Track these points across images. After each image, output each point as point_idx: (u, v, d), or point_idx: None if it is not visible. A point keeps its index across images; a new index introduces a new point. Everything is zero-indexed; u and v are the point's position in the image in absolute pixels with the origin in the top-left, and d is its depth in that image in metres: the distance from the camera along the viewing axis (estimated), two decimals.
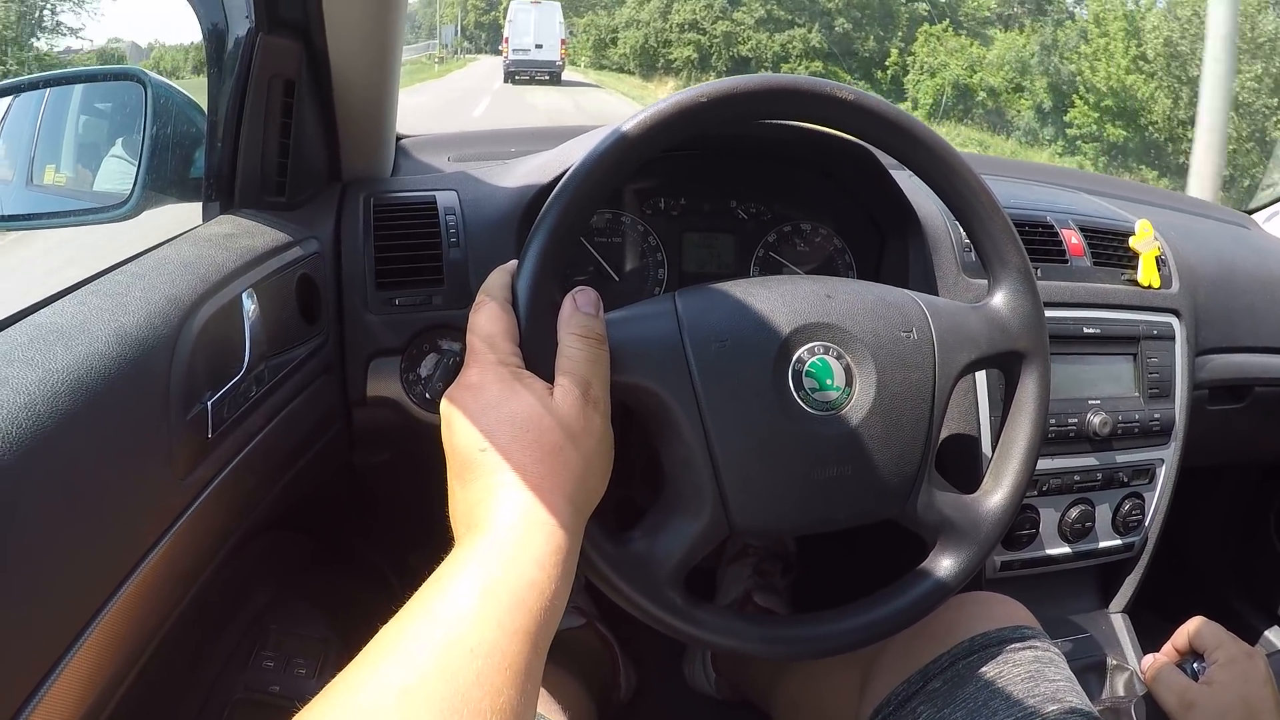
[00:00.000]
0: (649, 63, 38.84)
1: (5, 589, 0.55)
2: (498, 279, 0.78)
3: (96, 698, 0.68)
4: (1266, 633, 1.89)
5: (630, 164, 0.79)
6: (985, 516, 0.91)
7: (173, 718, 1.01)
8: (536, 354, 0.74)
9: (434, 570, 0.62)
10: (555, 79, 32.11)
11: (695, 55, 35.92)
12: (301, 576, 1.33)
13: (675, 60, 36.79)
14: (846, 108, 0.85)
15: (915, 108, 24.76)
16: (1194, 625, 1.12)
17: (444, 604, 0.58)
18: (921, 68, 26.53)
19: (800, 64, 31.55)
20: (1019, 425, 0.93)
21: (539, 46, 31.49)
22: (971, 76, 24.38)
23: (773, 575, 1.71)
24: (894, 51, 29.19)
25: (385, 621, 0.58)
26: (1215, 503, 2.03)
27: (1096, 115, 18.58)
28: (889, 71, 29.01)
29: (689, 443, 0.79)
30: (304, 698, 0.53)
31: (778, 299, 0.83)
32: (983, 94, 24.12)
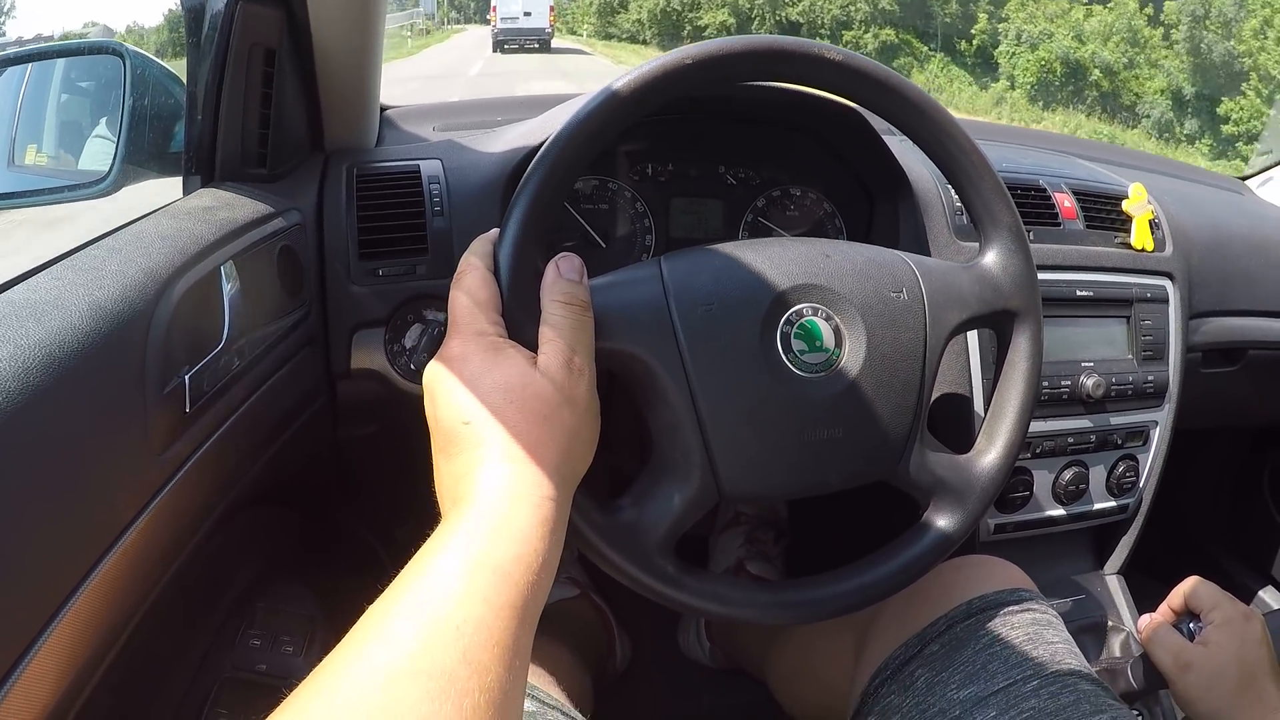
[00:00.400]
0: (671, 30, 34.16)
1: None
2: (479, 247, 0.77)
3: (75, 677, 0.67)
4: (1260, 593, 1.90)
5: (615, 127, 0.78)
6: (979, 476, 0.90)
7: (158, 697, 1.00)
8: (519, 322, 0.73)
9: (421, 544, 0.61)
10: (545, 46, 31.84)
11: (732, 20, 31.26)
12: (287, 553, 1.32)
13: (706, 27, 32.11)
14: (835, 68, 0.83)
15: (1013, 87, 20.79)
16: (1190, 585, 1.11)
17: (429, 581, 0.57)
18: (1017, 37, 21.53)
19: (866, 31, 27.13)
20: (1012, 384, 0.92)
21: (527, 14, 31.00)
22: (1081, 49, 19.59)
23: (765, 543, 1.71)
24: (981, 17, 23.97)
25: (372, 598, 0.57)
26: (1208, 465, 2.03)
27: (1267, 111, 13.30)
28: (975, 42, 24.65)
29: (676, 408, 0.78)
30: (291, 676, 0.53)
31: (765, 261, 0.82)
32: (1096, 72, 19.44)
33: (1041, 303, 0.93)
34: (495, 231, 0.77)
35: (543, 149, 0.76)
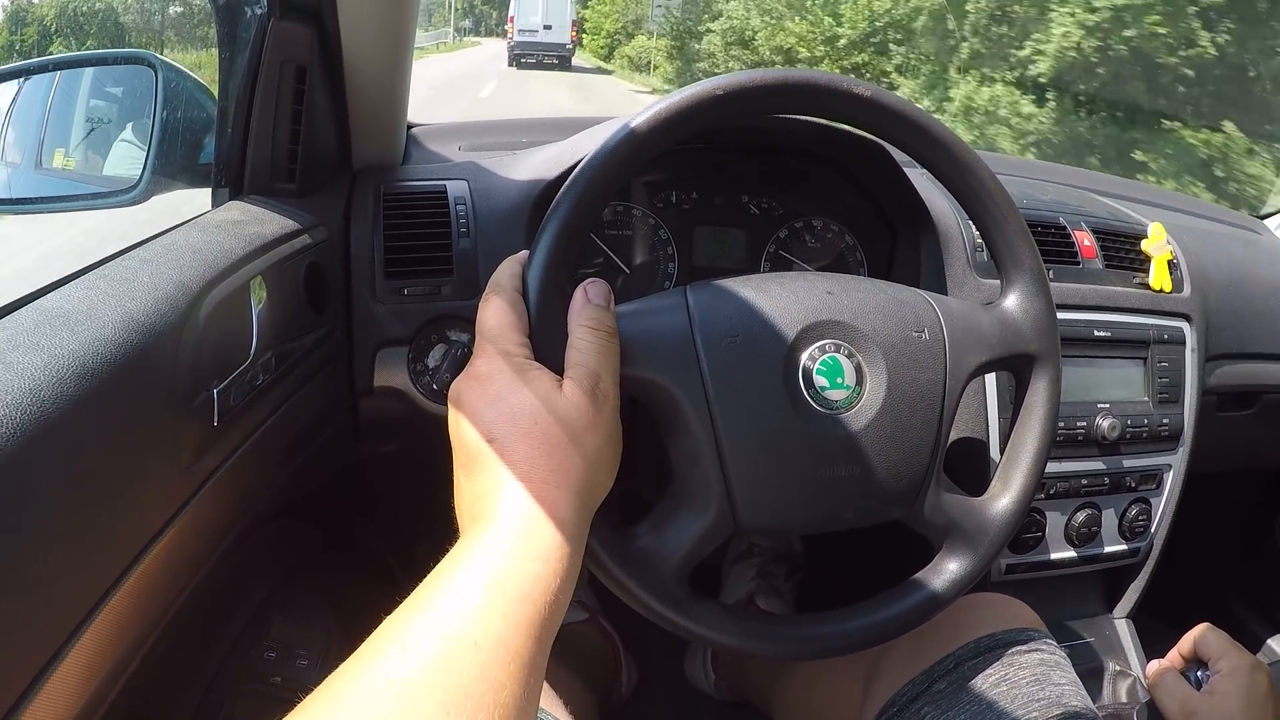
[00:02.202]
0: None
1: (7, 577, 0.55)
2: (508, 270, 0.78)
3: (99, 686, 0.67)
4: (1269, 641, 1.88)
5: (644, 156, 0.79)
6: (992, 520, 0.90)
7: (174, 707, 1.00)
8: (546, 346, 0.73)
9: (439, 562, 0.62)
10: (565, 63, 30.49)
11: None
12: (306, 567, 1.32)
13: None
14: (864, 104, 0.84)
15: None
16: (1199, 632, 1.11)
17: (448, 597, 0.58)
18: None
19: None
20: (1028, 429, 0.92)
21: (548, 28, 29.70)
22: None
23: (777, 578, 1.70)
24: None
25: (389, 613, 0.57)
26: (1221, 509, 2.02)
27: None
28: None
29: (697, 438, 0.79)
30: (305, 689, 0.53)
31: (790, 296, 0.83)
32: None
33: (1060, 346, 0.93)
34: (524, 254, 0.78)
35: (573, 175, 0.77)
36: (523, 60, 30.00)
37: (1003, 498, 0.91)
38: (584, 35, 36.93)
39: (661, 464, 0.85)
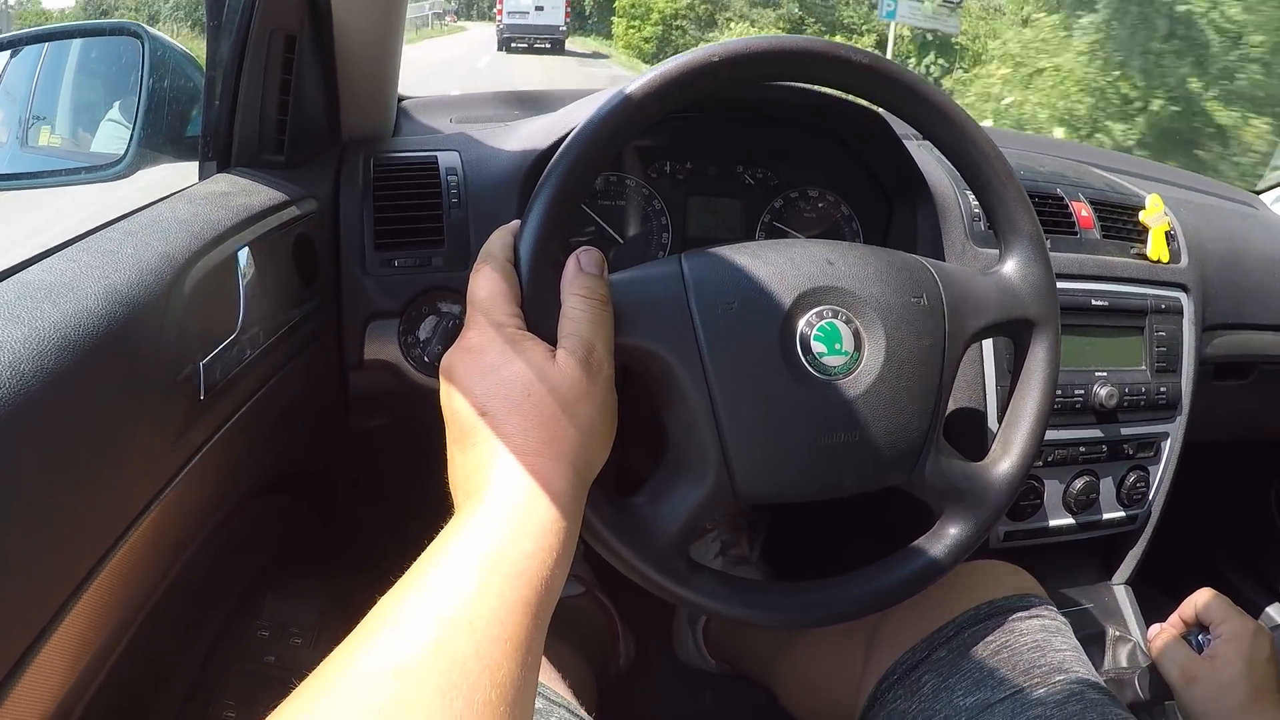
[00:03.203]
0: None
1: None
2: (499, 239, 0.77)
3: (86, 666, 0.67)
4: (1268, 609, 1.90)
5: (638, 124, 0.78)
6: (993, 484, 0.90)
7: (165, 687, 1.00)
8: (538, 315, 0.72)
9: (432, 538, 0.61)
10: (558, 47, 29.45)
11: None
12: (297, 544, 1.32)
13: None
14: (863, 71, 0.83)
15: None
16: (1202, 597, 1.11)
17: (442, 577, 0.57)
18: None
19: None
20: (1028, 393, 0.92)
21: (539, 9, 28.45)
22: None
23: (740, 547, 1.69)
24: None
25: (382, 591, 0.57)
26: (1216, 478, 2.03)
27: None
28: None
29: (693, 407, 0.78)
30: (300, 668, 0.52)
31: (787, 262, 0.82)
32: None
33: (1059, 311, 0.92)
34: (516, 223, 0.77)
35: (566, 142, 0.76)
36: (513, 44, 29.10)
37: (1003, 462, 0.91)
38: (615, 21, 33.02)
39: (658, 434, 0.85)
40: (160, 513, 0.71)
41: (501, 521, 0.61)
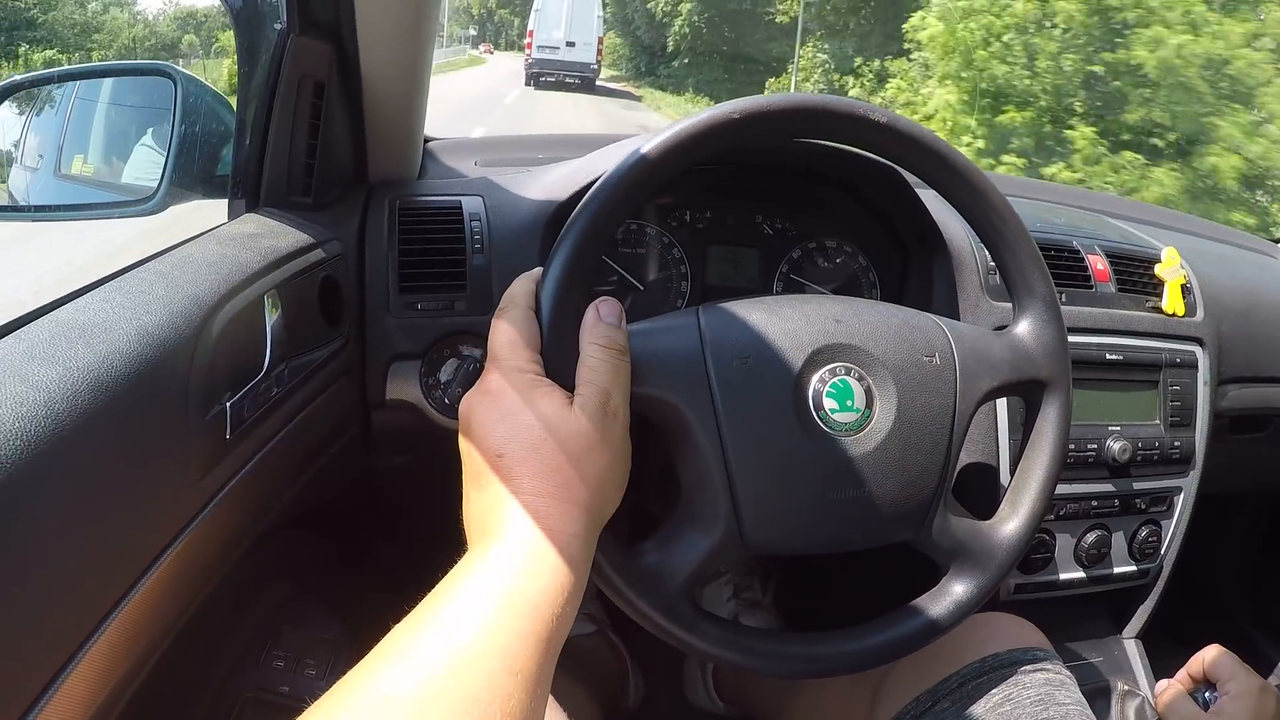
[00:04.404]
0: None
1: (18, 587, 0.55)
2: (522, 286, 0.78)
3: (108, 695, 0.68)
4: None
5: (659, 179, 0.79)
6: (1000, 544, 0.90)
7: (183, 715, 1.01)
8: (557, 362, 0.74)
9: (448, 573, 0.62)
10: (588, 85, 28.35)
11: None
12: (316, 578, 1.33)
13: None
14: (878, 129, 0.85)
15: None
16: (1210, 654, 1.11)
17: (454, 609, 0.58)
18: None
19: None
20: (1038, 454, 0.92)
21: (570, 44, 27.17)
22: None
23: (754, 591, 1.69)
24: None
25: (397, 624, 0.58)
26: (1232, 529, 2.02)
27: None
28: None
29: (706, 457, 0.79)
30: (313, 698, 0.53)
31: (801, 318, 0.83)
32: None
33: (1072, 370, 0.93)
34: (538, 271, 0.78)
35: (590, 193, 0.78)
36: (541, 79, 28.06)
37: (1010, 522, 0.91)
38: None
39: (670, 481, 0.86)
40: (185, 547, 0.73)
41: (514, 560, 0.62)
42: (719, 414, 0.79)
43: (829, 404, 0.80)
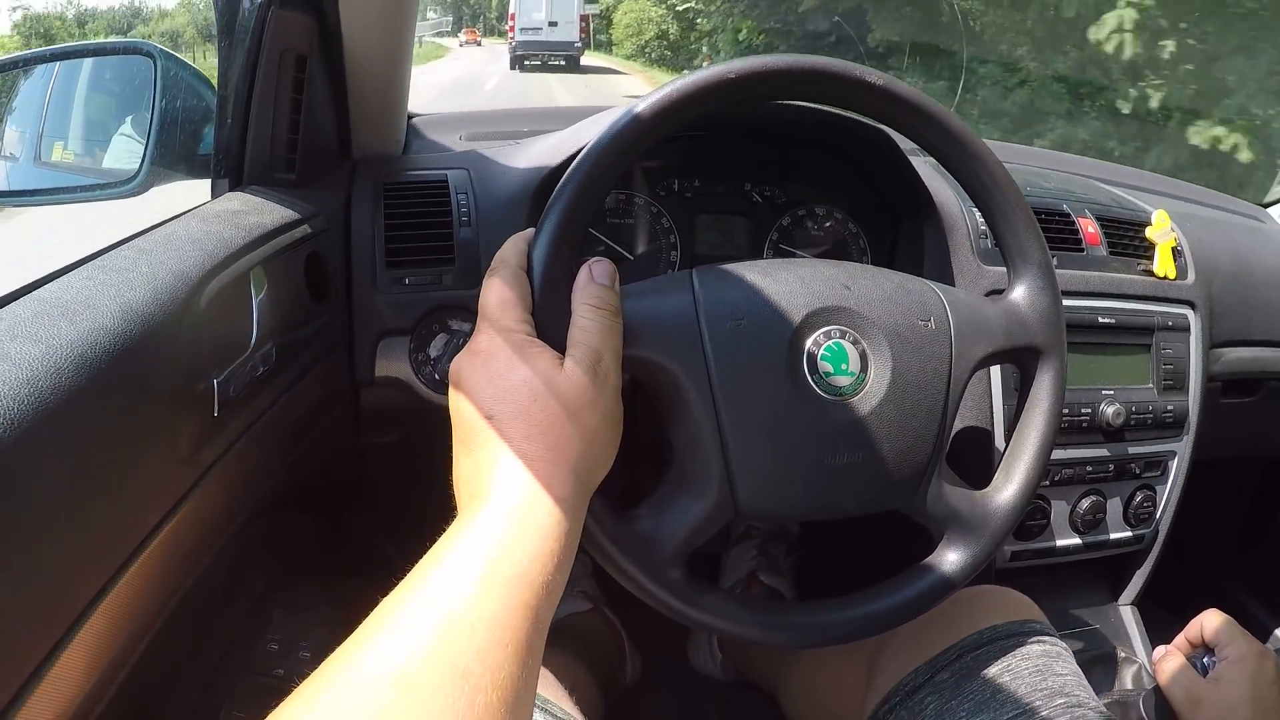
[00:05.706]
0: None
1: (7, 569, 0.55)
2: (513, 247, 0.77)
3: (100, 677, 0.67)
4: (1276, 630, 1.88)
5: (652, 138, 0.78)
6: (994, 512, 0.89)
7: (176, 698, 1.00)
8: (549, 323, 0.73)
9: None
10: (573, 64, 28.02)
11: None
12: (306, 558, 1.32)
13: None
14: (875, 92, 0.83)
15: None
16: (1208, 619, 1.11)
17: (444, 577, 0.57)
18: None
19: None
20: (1032, 421, 0.92)
21: (553, 24, 27.20)
22: None
23: (776, 556, 1.71)
24: None
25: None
26: (1223, 496, 2.02)
27: None
28: None
29: (698, 421, 0.78)
30: None
31: (796, 281, 0.82)
32: None
33: (1066, 337, 0.93)
34: (530, 231, 0.77)
35: (583, 152, 0.76)
36: (525, 61, 27.96)
37: (1005, 490, 0.90)
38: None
39: (662, 448, 0.85)
40: (175, 527, 0.72)
41: (503, 524, 0.61)
42: (712, 376, 0.78)
43: (824, 366, 0.79)
